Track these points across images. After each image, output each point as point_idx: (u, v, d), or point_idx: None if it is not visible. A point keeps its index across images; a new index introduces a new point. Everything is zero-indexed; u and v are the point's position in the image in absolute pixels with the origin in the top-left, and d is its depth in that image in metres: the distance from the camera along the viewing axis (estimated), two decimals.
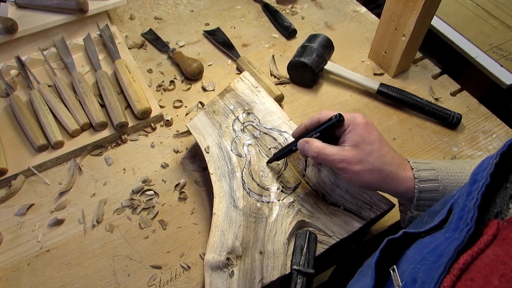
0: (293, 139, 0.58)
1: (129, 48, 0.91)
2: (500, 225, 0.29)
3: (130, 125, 0.75)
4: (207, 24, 0.99)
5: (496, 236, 0.28)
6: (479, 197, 0.30)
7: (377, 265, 0.35)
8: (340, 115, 0.50)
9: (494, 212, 0.31)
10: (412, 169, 0.49)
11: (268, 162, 0.62)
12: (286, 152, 0.58)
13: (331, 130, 0.52)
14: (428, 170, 0.48)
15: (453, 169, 0.49)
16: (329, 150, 0.50)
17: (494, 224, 0.29)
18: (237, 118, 0.67)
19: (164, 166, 0.71)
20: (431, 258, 0.30)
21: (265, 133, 0.65)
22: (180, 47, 0.93)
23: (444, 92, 0.84)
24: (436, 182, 0.48)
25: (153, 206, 0.66)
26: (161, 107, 0.80)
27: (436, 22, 1.19)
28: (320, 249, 0.56)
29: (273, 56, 0.91)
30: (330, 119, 0.51)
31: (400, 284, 0.32)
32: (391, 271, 0.34)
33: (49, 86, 0.79)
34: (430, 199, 0.47)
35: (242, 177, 0.61)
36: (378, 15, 0.89)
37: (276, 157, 0.60)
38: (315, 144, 0.51)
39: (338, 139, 0.52)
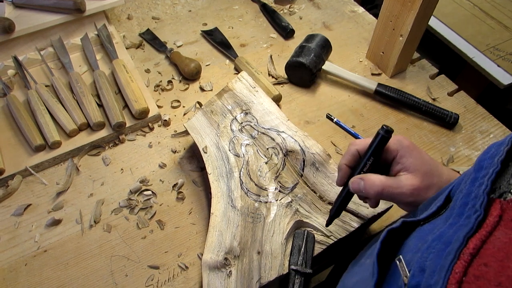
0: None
1: (126, 48, 0.91)
2: (503, 205, 0.29)
3: (127, 125, 0.75)
4: (205, 24, 0.99)
5: (501, 216, 0.28)
6: (489, 184, 0.30)
7: (379, 256, 0.35)
8: (384, 125, 0.43)
9: (496, 193, 0.31)
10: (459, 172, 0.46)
11: (327, 224, 0.53)
12: (342, 200, 0.49)
13: (383, 147, 0.44)
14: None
15: None
16: (394, 181, 0.43)
17: (497, 204, 0.29)
18: (235, 118, 0.67)
19: (162, 166, 0.71)
20: (438, 246, 0.30)
21: (263, 133, 0.65)
22: (178, 47, 0.93)
23: (441, 92, 0.85)
24: None
25: (151, 206, 0.66)
26: (159, 107, 0.80)
27: (433, 22, 1.20)
28: (318, 249, 0.56)
29: (271, 56, 0.91)
30: (377, 134, 0.43)
31: (408, 274, 0.31)
32: (397, 262, 0.33)
33: (46, 86, 0.79)
34: None
35: (240, 177, 0.61)
36: (376, 15, 0.89)
37: (335, 211, 0.50)
38: (374, 179, 0.43)
39: (383, 170, 0.46)
